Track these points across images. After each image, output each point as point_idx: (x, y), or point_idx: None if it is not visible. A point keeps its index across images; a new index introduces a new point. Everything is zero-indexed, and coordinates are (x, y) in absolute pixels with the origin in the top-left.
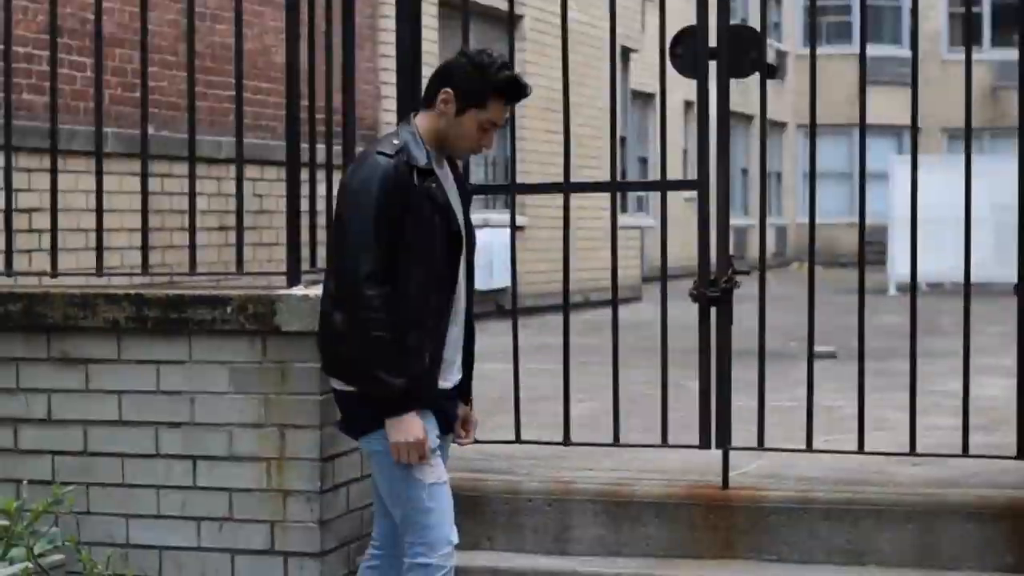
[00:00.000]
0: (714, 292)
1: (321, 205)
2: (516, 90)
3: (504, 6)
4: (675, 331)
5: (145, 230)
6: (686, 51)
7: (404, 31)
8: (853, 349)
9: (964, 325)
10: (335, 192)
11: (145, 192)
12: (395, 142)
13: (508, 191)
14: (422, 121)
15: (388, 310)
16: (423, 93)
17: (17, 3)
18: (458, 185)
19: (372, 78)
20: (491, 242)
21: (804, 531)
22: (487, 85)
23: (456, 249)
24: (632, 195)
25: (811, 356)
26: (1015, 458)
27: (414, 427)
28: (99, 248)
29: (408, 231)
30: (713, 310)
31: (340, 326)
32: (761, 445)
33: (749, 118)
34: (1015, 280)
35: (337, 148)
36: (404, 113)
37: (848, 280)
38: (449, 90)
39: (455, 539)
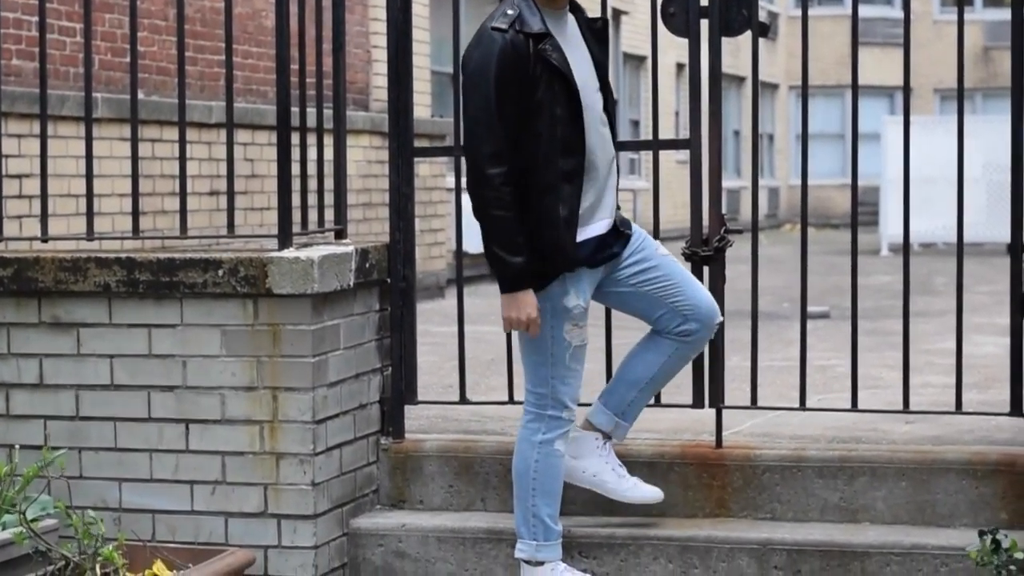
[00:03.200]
0: (707, 251)
1: (312, 169)
2: None
3: None
4: None
5: (136, 195)
6: (679, 10)
7: None
8: (846, 309)
9: (957, 284)
10: (326, 156)
11: (135, 157)
12: (509, 12)
13: None
14: None
15: (514, 185)
16: None
17: None
18: (590, 35)
19: (363, 42)
20: None
21: (798, 489)
22: None
23: (578, 109)
24: (624, 158)
25: (804, 316)
26: (1008, 415)
27: (528, 304)
28: (89, 212)
29: (529, 100)
30: (706, 269)
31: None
32: (754, 404)
33: (741, 79)
34: (1007, 240)
35: (328, 112)
36: (395, 77)
37: (841, 241)
38: None
39: (579, 397)
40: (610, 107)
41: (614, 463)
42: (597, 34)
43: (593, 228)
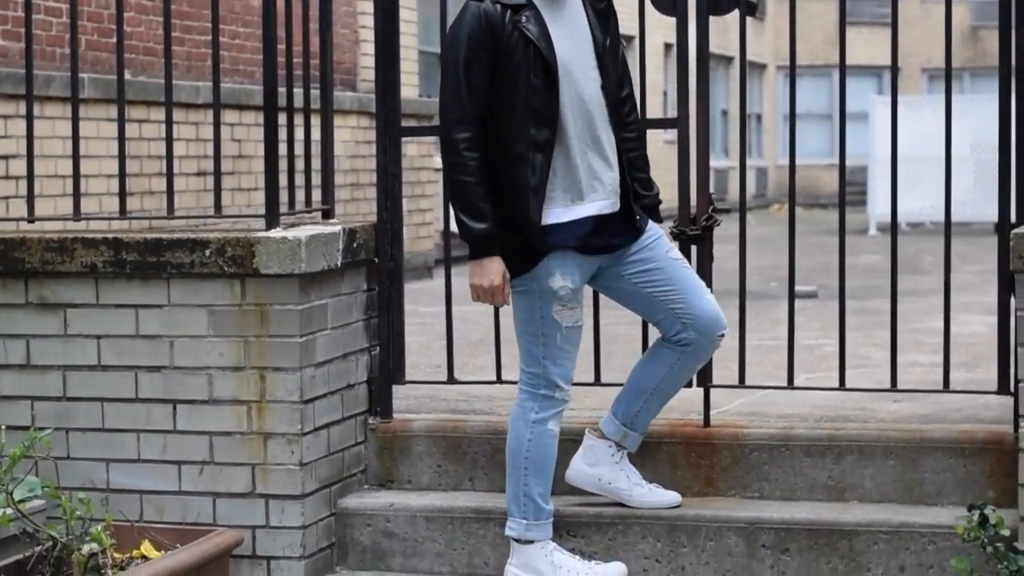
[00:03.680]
0: (694, 231)
1: (299, 149)
2: None
3: None
4: None
5: (123, 175)
6: None
7: None
8: (834, 288)
9: (945, 263)
10: (313, 136)
11: (122, 137)
12: None
13: None
14: None
15: (482, 152)
16: None
17: None
18: (594, 16)
19: (350, 22)
20: None
21: (786, 468)
22: None
23: (553, 82)
24: None
25: (792, 295)
26: (996, 393)
27: (493, 272)
28: (76, 193)
29: (504, 69)
30: (694, 249)
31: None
32: (742, 383)
33: (729, 59)
34: (995, 219)
35: (315, 92)
36: (382, 57)
37: (829, 220)
38: None
39: (572, 377)
40: (609, 89)
41: (629, 470)
42: (600, 15)
43: (584, 208)
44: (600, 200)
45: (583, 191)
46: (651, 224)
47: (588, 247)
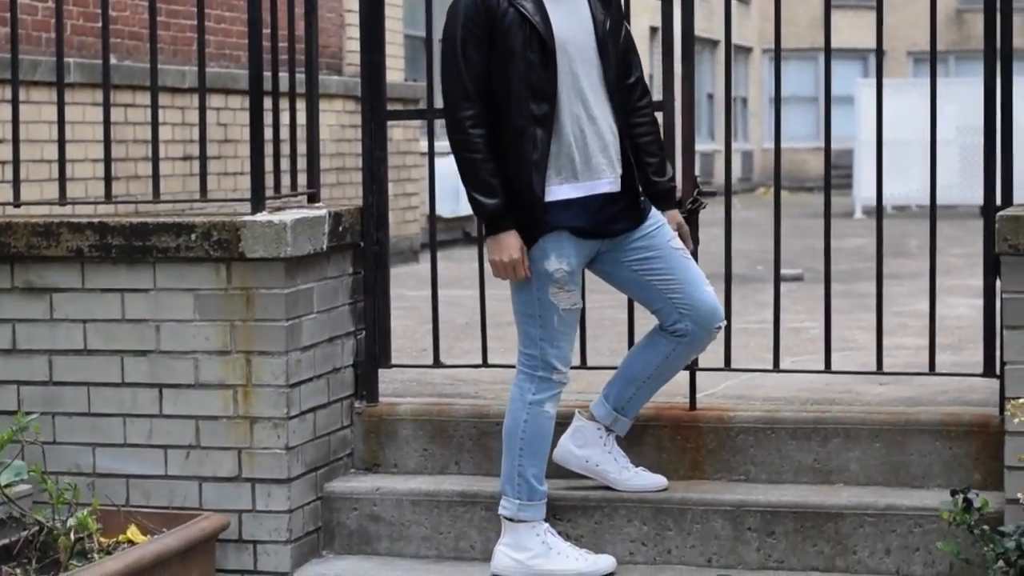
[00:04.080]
0: (680, 213)
1: (284, 133)
2: None
3: None
4: None
5: (108, 160)
6: None
7: None
8: (819, 272)
9: (930, 246)
10: (299, 120)
11: (108, 122)
12: None
13: None
14: None
15: (486, 128)
16: None
17: None
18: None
19: (336, 6)
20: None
21: (772, 451)
22: None
23: (550, 60)
24: None
25: (778, 278)
26: (982, 375)
27: (510, 246)
28: (62, 178)
29: (502, 46)
30: None
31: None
32: (728, 366)
33: (715, 43)
34: (980, 202)
35: (300, 76)
36: (368, 41)
37: (814, 204)
38: None
39: (570, 359)
40: (609, 71)
41: (617, 453)
42: (602, 1)
43: (579, 188)
44: (593, 180)
45: (577, 171)
46: (654, 211)
47: (584, 229)
